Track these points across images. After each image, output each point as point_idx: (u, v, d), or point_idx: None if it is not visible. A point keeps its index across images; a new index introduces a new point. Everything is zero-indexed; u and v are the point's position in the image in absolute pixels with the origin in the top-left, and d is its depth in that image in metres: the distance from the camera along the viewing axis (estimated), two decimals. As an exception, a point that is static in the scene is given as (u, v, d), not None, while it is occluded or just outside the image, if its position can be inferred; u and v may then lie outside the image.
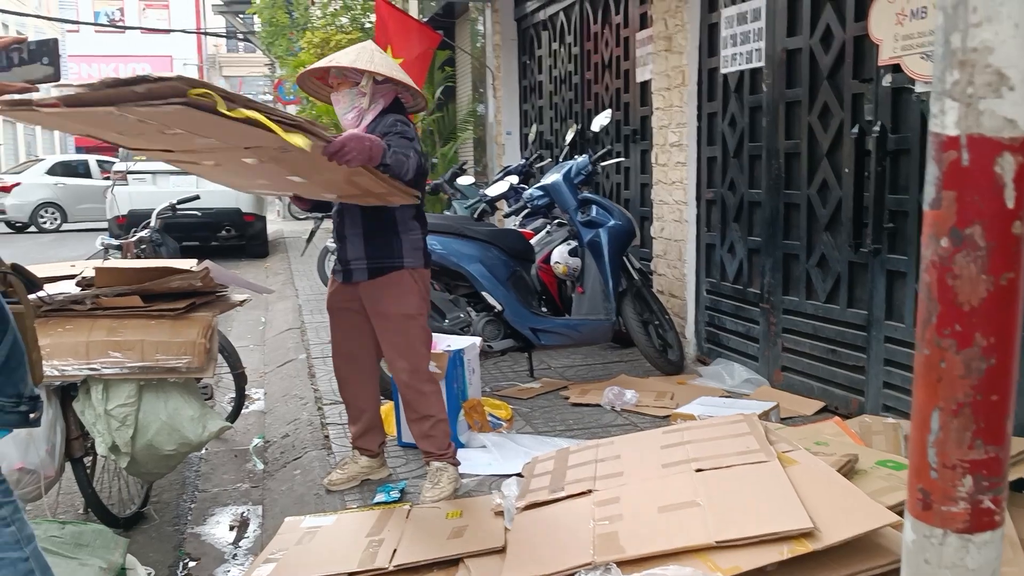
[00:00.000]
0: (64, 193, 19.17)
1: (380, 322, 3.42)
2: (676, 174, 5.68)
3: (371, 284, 3.38)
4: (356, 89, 3.30)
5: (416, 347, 3.43)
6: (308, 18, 17.73)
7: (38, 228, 18.85)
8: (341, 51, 3.36)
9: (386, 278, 3.36)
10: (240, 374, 4.69)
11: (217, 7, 30.42)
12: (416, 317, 3.41)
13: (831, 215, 4.38)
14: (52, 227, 18.90)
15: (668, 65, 5.69)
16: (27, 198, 18.82)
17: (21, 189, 18.83)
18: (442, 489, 3.43)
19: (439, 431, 3.50)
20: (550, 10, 8.33)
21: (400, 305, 3.37)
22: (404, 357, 3.42)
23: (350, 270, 3.42)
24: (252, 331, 7.79)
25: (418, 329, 3.43)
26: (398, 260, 3.35)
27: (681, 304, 5.73)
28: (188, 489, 4.12)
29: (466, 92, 11.99)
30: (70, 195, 19.15)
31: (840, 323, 4.36)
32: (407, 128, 3.26)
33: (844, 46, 4.21)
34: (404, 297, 3.37)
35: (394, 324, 3.38)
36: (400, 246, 3.35)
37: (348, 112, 3.32)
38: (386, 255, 3.35)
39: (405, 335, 3.40)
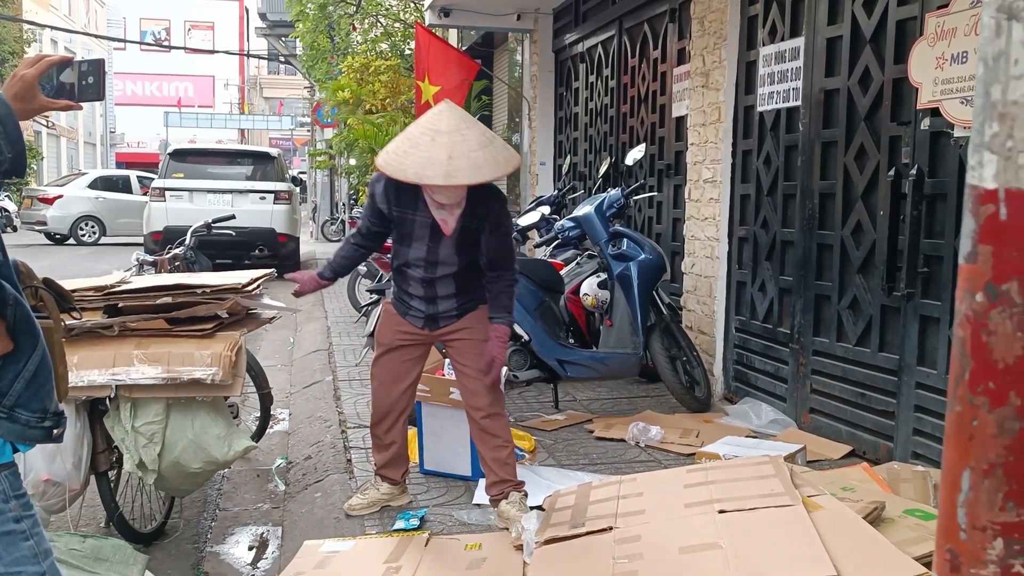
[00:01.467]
0: (104, 207, 19.48)
1: (470, 346, 3.47)
2: (709, 210, 5.66)
3: (461, 321, 3.47)
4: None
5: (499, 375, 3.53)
6: (349, 43, 17.97)
7: (77, 240, 19.14)
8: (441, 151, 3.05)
9: (477, 312, 3.48)
10: (266, 394, 4.71)
11: (260, 30, 30.96)
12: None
13: (864, 257, 4.34)
14: (91, 240, 19.18)
15: (704, 101, 5.69)
16: (68, 211, 19.13)
17: (63, 202, 19.15)
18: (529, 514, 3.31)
19: (513, 458, 3.54)
20: (588, 43, 8.38)
21: (487, 331, 3.44)
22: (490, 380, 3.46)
23: (437, 319, 3.47)
24: (280, 351, 7.83)
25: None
26: (481, 298, 3.48)
27: (710, 341, 5.69)
28: (209, 507, 4.13)
29: (501, 121, 12.08)
30: (110, 209, 19.45)
31: (871, 367, 4.31)
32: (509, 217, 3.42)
33: (883, 88, 4.19)
34: (487, 326, 3.46)
35: (482, 347, 3.43)
36: (481, 286, 3.48)
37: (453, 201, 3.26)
38: (476, 298, 3.48)
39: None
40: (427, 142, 3.06)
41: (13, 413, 1.59)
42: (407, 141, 3.13)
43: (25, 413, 1.60)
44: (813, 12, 4.69)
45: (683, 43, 6.26)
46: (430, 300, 3.44)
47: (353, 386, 5.94)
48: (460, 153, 3.04)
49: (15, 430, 1.59)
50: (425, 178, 3.03)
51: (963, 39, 3.61)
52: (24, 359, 1.60)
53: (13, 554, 1.62)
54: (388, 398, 3.59)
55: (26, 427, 1.61)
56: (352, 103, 14.63)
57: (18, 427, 1.60)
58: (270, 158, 13.47)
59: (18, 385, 1.59)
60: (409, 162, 3.05)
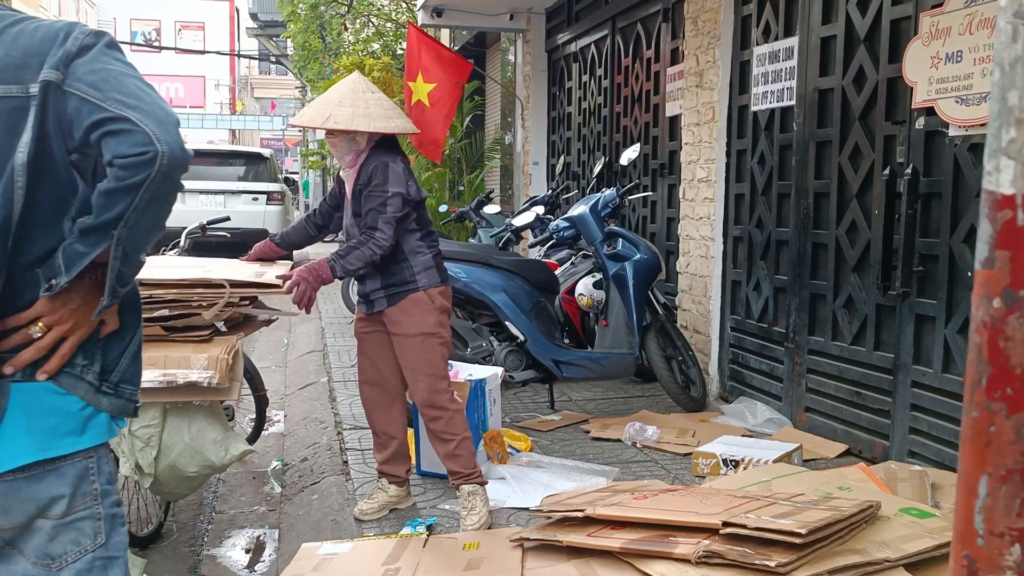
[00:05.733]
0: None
1: (400, 344, 3.47)
2: (703, 210, 5.67)
3: (392, 310, 3.45)
4: (351, 137, 3.38)
5: (435, 364, 3.48)
6: (340, 43, 17.92)
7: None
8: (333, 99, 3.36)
9: (405, 301, 3.44)
10: (262, 396, 4.70)
11: (251, 30, 30.91)
12: (434, 335, 3.46)
13: (859, 256, 4.35)
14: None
15: (698, 101, 5.69)
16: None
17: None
18: (480, 514, 3.43)
19: (465, 450, 3.51)
20: (581, 42, 8.38)
21: (418, 325, 3.43)
22: (424, 374, 3.45)
23: (371, 301, 3.50)
24: (274, 352, 7.81)
25: (437, 347, 3.48)
26: (412, 284, 3.43)
27: (705, 340, 5.69)
28: (206, 510, 4.12)
29: (494, 120, 12.07)
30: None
31: (866, 365, 4.32)
32: (386, 179, 3.36)
33: (877, 87, 4.20)
34: (422, 316, 3.44)
35: (413, 343, 3.43)
36: (411, 270, 3.44)
37: (346, 155, 3.43)
38: (400, 281, 3.44)
39: (423, 353, 3.45)
40: (336, 100, 3.33)
41: (119, 388, 1.61)
42: (321, 100, 3.41)
43: (129, 387, 1.63)
44: (807, 12, 4.69)
45: (676, 43, 6.26)
46: (360, 279, 3.51)
47: (348, 387, 5.92)
48: (348, 102, 3.31)
49: (120, 405, 1.61)
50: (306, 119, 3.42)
51: (958, 38, 3.62)
52: (129, 335, 1.63)
53: (115, 538, 1.63)
54: (367, 383, 3.65)
55: (128, 401, 1.63)
56: (344, 103, 14.55)
57: (122, 402, 1.62)
58: (262, 159, 13.44)
59: (124, 360, 1.62)
60: (307, 112, 3.43)
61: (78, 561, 1.56)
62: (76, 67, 1.44)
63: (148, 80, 1.53)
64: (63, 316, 1.50)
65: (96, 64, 1.45)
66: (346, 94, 3.35)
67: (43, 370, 1.51)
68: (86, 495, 1.57)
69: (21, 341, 1.49)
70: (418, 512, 3.66)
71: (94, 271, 1.49)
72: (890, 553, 2.57)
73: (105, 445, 1.63)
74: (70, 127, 1.43)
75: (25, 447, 1.49)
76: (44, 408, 1.52)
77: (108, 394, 1.59)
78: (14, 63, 1.43)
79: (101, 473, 1.61)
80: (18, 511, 1.52)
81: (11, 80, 1.42)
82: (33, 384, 1.51)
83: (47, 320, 1.49)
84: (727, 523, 2.57)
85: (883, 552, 2.57)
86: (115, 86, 1.43)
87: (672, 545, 2.59)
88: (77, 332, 1.52)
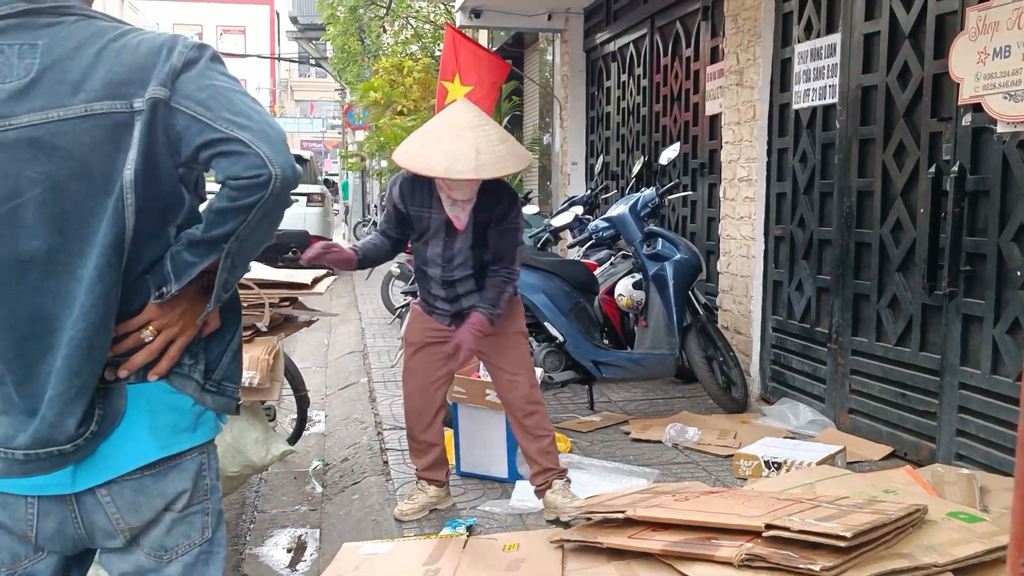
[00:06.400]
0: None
1: (500, 343, 3.51)
2: (744, 209, 5.61)
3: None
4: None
5: (530, 361, 3.63)
6: (379, 45, 18.02)
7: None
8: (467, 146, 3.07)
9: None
10: (303, 396, 4.73)
11: (291, 33, 31.19)
12: (524, 334, 3.62)
13: (904, 256, 4.28)
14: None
15: (739, 99, 5.64)
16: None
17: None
18: (575, 499, 3.47)
19: (554, 447, 3.60)
20: (620, 42, 8.34)
21: (516, 324, 3.56)
22: (525, 369, 3.55)
23: (461, 315, 3.45)
24: (315, 352, 7.88)
25: (527, 344, 3.64)
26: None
27: (746, 341, 5.64)
28: (248, 509, 4.16)
29: (532, 121, 12.06)
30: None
31: (911, 367, 4.24)
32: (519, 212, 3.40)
33: (922, 84, 4.12)
34: (518, 316, 3.57)
35: (513, 342, 3.53)
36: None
37: (471, 195, 3.27)
38: None
39: (522, 350, 3.58)
40: (450, 137, 3.09)
41: (222, 386, 1.64)
42: (429, 137, 3.16)
43: (231, 385, 1.66)
44: (850, 8, 4.63)
45: (716, 41, 6.21)
46: (453, 299, 3.47)
47: (388, 387, 5.95)
48: (485, 148, 3.09)
49: (223, 402, 1.64)
50: (455, 172, 3.05)
51: (1006, 33, 3.55)
52: (230, 334, 1.66)
53: (219, 532, 1.67)
54: (422, 396, 3.61)
55: (230, 399, 1.66)
56: (383, 104, 14.68)
57: (225, 399, 1.65)
58: (303, 161, 13.55)
59: (226, 359, 1.64)
60: (437, 158, 3.07)
61: (187, 554, 1.61)
62: (183, 83, 1.44)
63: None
64: (172, 320, 1.54)
65: (203, 80, 1.46)
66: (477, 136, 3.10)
67: (154, 371, 1.55)
68: (200, 490, 1.62)
69: (133, 345, 1.53)
70: (458, 513, 3.66)
71: (200, 276, 1.52)
72: (937, 558, 2.52)
73: (213, 442, 1.67)
74: (178, 143, 1.45)
75: (149, 445, 1.54)
76: (164, 406, 1.57)
77: (212, 392, 1.62)
78: (119, 78, 1.43)
79: (211, 469, 1.66)
80: (147, 508, 1.56)
81: (116, 96, 1.43)
82: (150, 384, 1.55)
83: (157, 324, 1.53)
84: (770, 525, 2.54)
85: (930, 557, 2.53)
86: (224, 104, 1.44)
87: (714, 548, 2.57)
88: (185, 334, 1.56)
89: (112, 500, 1.54)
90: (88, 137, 1.43)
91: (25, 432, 1.48)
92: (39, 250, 1.45)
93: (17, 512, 1.55)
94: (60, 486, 1.52)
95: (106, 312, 1.47)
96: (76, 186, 1.44)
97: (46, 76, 1.44)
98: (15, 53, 1.46)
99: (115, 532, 1.56)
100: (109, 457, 1.52)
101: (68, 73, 1.44)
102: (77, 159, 1.44)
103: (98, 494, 1.53)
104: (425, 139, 3.18)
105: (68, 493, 1.53)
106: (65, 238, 1.45)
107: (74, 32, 1.47)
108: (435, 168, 3.06)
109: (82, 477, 1.52)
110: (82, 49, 1.45)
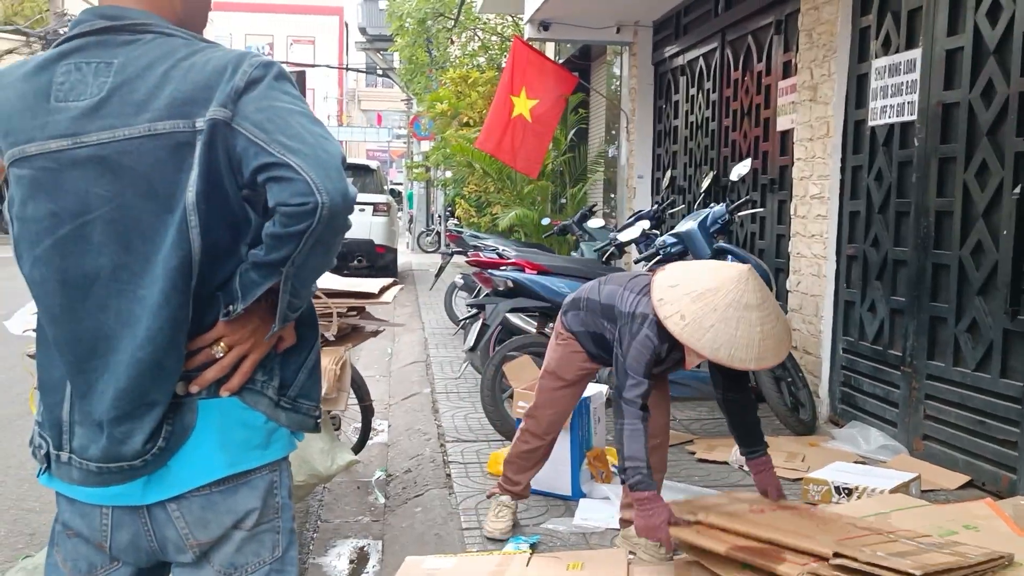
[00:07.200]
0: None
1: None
2: (816, 227, 5.50)
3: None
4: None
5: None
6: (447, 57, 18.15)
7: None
8: (752, 332, 2.86)
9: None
10: (367, 406, 4.75)
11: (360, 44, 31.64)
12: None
13: (985, 279, 4.14)
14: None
15: (812, 115, 5.54)
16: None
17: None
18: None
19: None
20: (689, 55, 8.27)
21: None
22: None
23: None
24: (379, 361, 7.93)
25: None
26: None
27: (815, 362, 5.52)
28: (311, 519, 4.19)
29: (598, 133, 12.01)
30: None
31: (991, 393, 4.10)
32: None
33: (1008, 101, 3.99)
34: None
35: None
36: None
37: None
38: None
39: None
40: (735, 318, 2.84)
41: (296, 403, 1.62)
42: (713, 314, 2.84)
43: (307, 402, 1.64)
44: (931, 22, 4.51)
45: (789, 55, 6.11)
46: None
47: (451, 399, 5.96)
48: (769, 332, 2.87)
49: (297, 420, 1.63)
50: (737, 360, 2.84)
51: (1099, 50, 3.42)
52: (307, 350, 1.64)
53: (290, 552, 1.66)
54: (557, 425, 3.62)
55: (306, 416, 1.65)
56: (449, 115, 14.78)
57: (300, 416, 1.63)
58: (370, 171, 13.71)
59: (301, 375, 1.63)
60: (721, 341, 2.82)
61: (256, 572, 1.59)
62: (244, 103, 1.42)
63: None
64: (243, 336, 1.54)
65: (263, 101, 1.43)
66: (764, 320, 2.88)
67: (226, 387, 1.54)
68: (270, 508, 1.60)
69: (204, 360, 1.53)
70: (521, 530, 3.63)
71: (271, 294, 1.51)
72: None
73: (286, 459, 1.65)
74: (239, 165, 1.43)
75: (218, 461, 1.53)
76: (235, 422, 1.56)
77: (287, 409, 1.61)
78: (183, 97, 1.42)
79: (283, 487, 1.64)
80: (215, 524, 1.55)
81: (179, 115, 1.42)
82: (222, 400, 1.55)
83: (228, 340, 1.53)
84: (838, 553, 2.47)
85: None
86: (280, 126, 1.41)
87: (778, 561, 2.51)
88: (257, 351, 1.55)
89: (181, 515, 1.54)
90: (152, 157, 1.43)
91: (97, 444, 1.50)
92: (104, 268, 1.46)
93: (94, 521, 1.57)
94: (132, 497, 1.53)
95: (174, 334, 1.46)
96: (142, 206, 1.44)
97: (116, 95, 1.44)
98: (92, 71, 1.47)
99: (185, 547, 1.56)
100: (179, 472, 1.53)
101: (136, 92, 1.44)
102: (143, 179, 1.44)
103: (168, 508, 1.54)
104: (708, 314, 2.86)
105: (140, 505, 1.54)
106: (130, 257, 1.46)
107: (149, 50, 1.47)
108: (718, 353, 2.82)
109: (153, 490, 1.53)
110: (152, 68, 1.45)
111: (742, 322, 2.84)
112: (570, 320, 3.49)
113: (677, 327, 2.88)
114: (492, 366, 4.84)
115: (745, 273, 2.93)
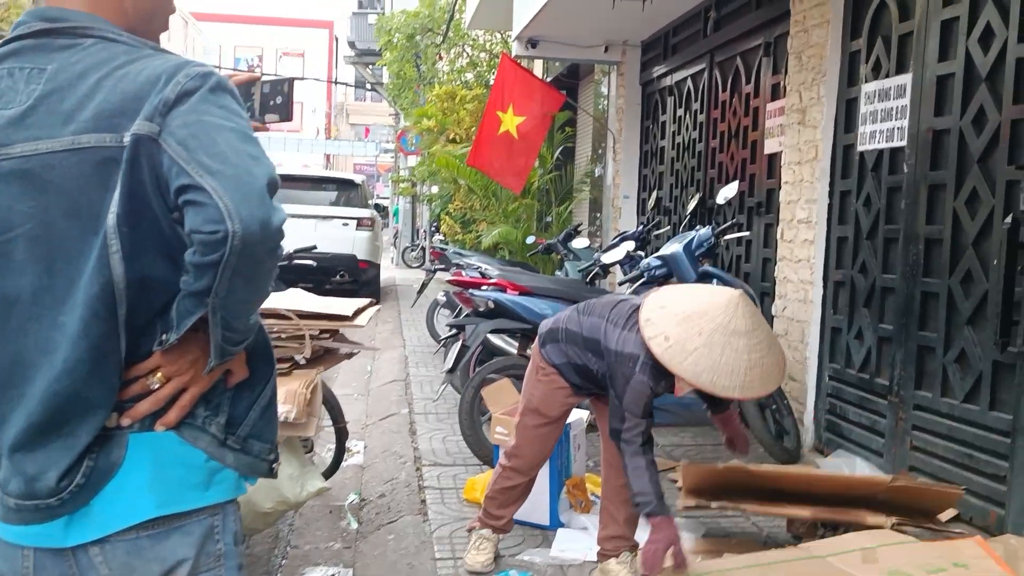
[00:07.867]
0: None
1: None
2: (803, 252, 5.43)
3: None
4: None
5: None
6: (435, 73, 18.10)
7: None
8: (742, 359, 2.77)
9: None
10: (342, 428, 4.62)
11: (348, 58, 31.61)
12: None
13: (974, 308, 4.07)
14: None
15: (800, 138, 5.47)
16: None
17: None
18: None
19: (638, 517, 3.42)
20: (677, 76, 8.22)
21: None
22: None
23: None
24: (358, 379, 7.79)
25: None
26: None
27: (800, 388, 5.43)
28: (280, 544, 4.05)
29: (585, 153, 11.96)
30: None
31: (979, 426, 4.02)
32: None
33: (999, 129, 3.93)
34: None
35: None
36: None
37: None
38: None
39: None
40: (721, 343, 2.72)
41: (247, 443, 1.49)
42: (698, 337, 2.74)
43: (259, 444, 1.51)
44: (922, 47, 4.45)
45: (777, 78, 6.06)
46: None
47: (429, 420, 5.84)
48: (756, 361, 2.76)
49: (247, 462, 1.49)
50: (720, 388, 2.73)
51: (1093, 79, 3.36)
52: (260, 385, 1.51)
53: None
54: (542, 461, 3.52)
55: (257, 459, 1.51)
56: (436, 131, 14.71)
57: (250, 459, 1.50)
58: (354, 185, 13.59)
59: (253, 413, 1.50)
60: (704, 366, 2.71)
61: None
62: (172, 118, 1.29)
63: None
64: (182, 367, 1.41)
65: (191, 116, 1.30)
66: (752, 348, 2.79)
67: (161, 422, 1.41)
68: (209, 556, 1.46)
69: (140, 391, 1.40)
70: (505, 562, 3.51)
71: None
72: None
73: (233, 502, 1.51)
74: (167, 185, 1.30)
75: (146, 501, 1.39)
76: (170, 459, 1.42)
77: (235, 450, 1.47)
78: (111, 109, 1.30)
79: (226, 532, 1.49)
80: (142, 573, 1.40)
81: (105, 128, 1.29)
82: (156, 434, 1.41)
83: (165, 371, 1.40)
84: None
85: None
86: (204, 144, 1.28)
87: None
88: (198, 384, 1.42)
89: (104, 560, 1.39)
90: (76, 172, 1.30)
91: (16, 479, 1.37)
92: (25, 290, 1.34)
93: (16, 563, 1.42)
94: (52, 538, 1.39)
95: (95, 366, 1.34)
96: (67, 225, 1.32)
97: (43, 104, 1.32)
98: (24, 77, 1.35)
99: None
100: (101, 512, 1.38)
101: (64, 102, 1.32)
102: (67, 196, 1.31)
103: (90, 552, 1.39)
104: (692, 337, 2.76)
105: (63, 547, 1.39)
106: (53, 280, 1.33)
107: (86, 57, 1.35)
108: (699, 379, 2.73)
109: (74, 531, 1.39)
110: (86, 76, 1.33)
111: (728, 348, 2.73)
112: (550, 353, 3.33)
113: (659, 348, 2.78)
114: (471, 388, 4.73)
115: (736, 298, 2.82)
